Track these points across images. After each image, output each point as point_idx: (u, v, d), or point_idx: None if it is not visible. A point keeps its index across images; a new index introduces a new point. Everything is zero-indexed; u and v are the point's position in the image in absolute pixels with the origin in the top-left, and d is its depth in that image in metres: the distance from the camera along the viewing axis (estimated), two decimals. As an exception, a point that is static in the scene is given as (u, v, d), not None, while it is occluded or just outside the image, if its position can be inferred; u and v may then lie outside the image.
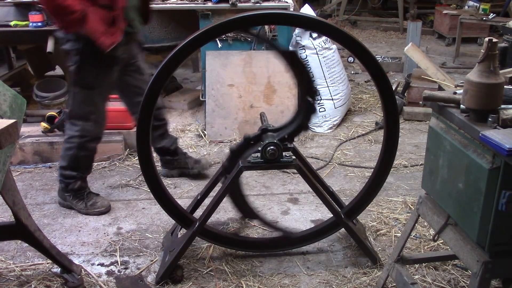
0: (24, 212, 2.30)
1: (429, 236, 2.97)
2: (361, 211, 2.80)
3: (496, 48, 1.75)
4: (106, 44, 2.88)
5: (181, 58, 2.38)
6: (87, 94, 3.09)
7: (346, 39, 2.42)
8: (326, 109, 4.63)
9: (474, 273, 1.83)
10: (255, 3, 4.37)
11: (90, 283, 2.61)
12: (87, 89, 3.07)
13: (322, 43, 4.62)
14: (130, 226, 3.15)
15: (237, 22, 2.38)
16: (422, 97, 2.01)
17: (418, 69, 5.09)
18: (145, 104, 2.40)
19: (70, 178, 3.26)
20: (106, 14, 2.87)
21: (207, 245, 2.89)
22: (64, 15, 2.79)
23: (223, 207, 3.30)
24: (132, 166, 3.93)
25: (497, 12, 7.33)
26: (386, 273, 2.41)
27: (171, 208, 2.63)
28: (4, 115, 2.05)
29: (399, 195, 3.51)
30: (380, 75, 2.46)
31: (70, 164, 3.23)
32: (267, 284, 2.61)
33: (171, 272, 2.59)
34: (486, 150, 1.73)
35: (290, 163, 2.56)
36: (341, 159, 4.08)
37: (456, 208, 1.92)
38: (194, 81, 6.16)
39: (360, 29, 9.35)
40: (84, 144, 3.18)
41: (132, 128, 4.03)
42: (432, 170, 2.09)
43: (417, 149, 4.27)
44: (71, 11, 2.76)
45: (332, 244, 2.95)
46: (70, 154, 3.20)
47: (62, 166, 3.26)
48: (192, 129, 4.67)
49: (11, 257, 2.82)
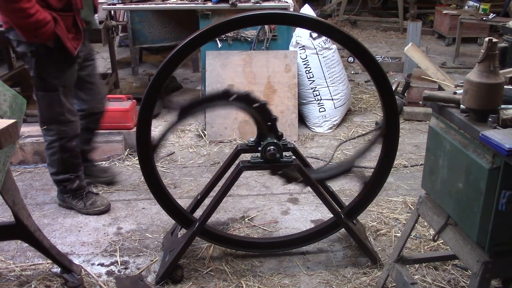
0: (24, 212, 2.30)
1: (429, 236, 2.97)
2: (361, 211, 2.80)
3: (496, 48, 1.75)
4: (73, 48, 2.92)
5: (181, 58, 2.38)
6: (52, 96, 3.02)
7: (346, 39, 2.41)
8: (326, 109, 4.63)
9: (474, 273, 1.83)
10: (255, 3, 4.37)
11: (90, 283, 2.61)
12: (51, 91, 3.01)
13: (322, 43, 4.62)
14: (130, 226, 3.15)
15: (237, 22, 2.38)
16: (422, 97, 2.01)
17: (418, 69, 5.09)
18: (145, 104, 2.40)
19: (65, 181, 3.26)
20: (66, 18, 2.89)
21: (207, 245, 2.89)
22: (39, 28, 2.75)
23: (223, 207, 3.31)
24: (132, 166, 3.93)
25: (497, 12, 7.33)
26: (386, 273, 2.41)
27: (171, 208, 2.63)
28: (4, 115, 2.05)
29: (399, 195, 3.51)
30: (380, 75, 2.46)
31: (59, 169, 3.22)
32: (267, 284, 2.61)
33: (171, 272, 2.59)
34: (486, 150, 1.73)
35: (290, 163, 2.56)
36: (341, 159, 4.08)
37: (456, 208, 1.92)
38: (194, 81, 6.16)
39: (360, 29, 9.35)
40: (65, 146, 3.15)
41: (132, 128, 4.03)
42: (432, 170, 2.09)
43: (417, 149, 4.27)
44: (45, 24, 2.75)
45: (332, 244, 2.95)
46: (56, 159, 3.18)
47: (52, 173, 3.26)
48: (192, 129, 4.67)
49: (11, 257, 2.82)
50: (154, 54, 7.06)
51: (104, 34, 4.17)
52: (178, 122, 2.48)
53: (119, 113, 4.04)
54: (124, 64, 6.59)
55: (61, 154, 3.16)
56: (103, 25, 4.21)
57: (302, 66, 4.59)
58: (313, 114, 4.66)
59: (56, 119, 3.08)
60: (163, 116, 4.97)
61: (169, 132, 2.53)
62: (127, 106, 4.06)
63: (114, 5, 4.40)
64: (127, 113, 4.05)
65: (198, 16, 4.45)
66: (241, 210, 3.34)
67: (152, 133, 2.51)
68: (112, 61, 5.44)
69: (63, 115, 3.08)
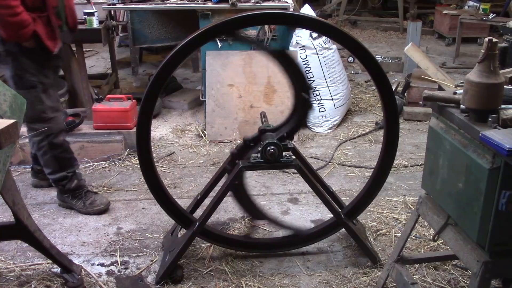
0: (24, 212, 2.30)
1: (429, 236, 2.97)
2: (361, 211, 2.80)
3: (496, 48, 1.75)
4: (52, 46, 2.94)
5: (181, 58, 2.38)
6: (32, 94, 2.99)
7: (346, 39, 2.42)
8: (326, 109, 4.63)
9: (474, 273, 1.83)
10: (255, 3, 4.37)
11: (90, 283, 2.61)
12: (30, 89, 2.99)
13: (322, 43, 4.62)
14: (130, 226, 3.15)
15: (237, 22, 2.38)
16: (422, 97, 2.01)
17: (418, 69, 5.09)
18: (145, 104, 2.40)
19: (62, 179, 3.25)
20: (42, 16, 2.89)
21: (207, 245, 2.89)
22: (22, 28, 2.77)
23: (223, 207, 3.31)
24: (132, 166, 3.93)
25: (497, 12, 7.32)
26: (386, 273, 2.41)
27: (171, 208, 2.63)
28: (4, 115, 2.05)
29: (399, 195, 3.51)
30: (380, 75, 2.46)
31: (54, 167, 3.21)
32: (267, 284, 2.61)
33: (171, 272, 2.60)
34: (486, 150, 1.73)
35: (290, 163, 2.56)
36: (341, 159, 4.08)
37: (456, 208, 1.92)
38: (194, 81, 6.16)
39: (360, 29, 9.34)
40: (52, 142, 3.14)
41: (132, 128, 4.03)
42: (432, 170, 2.09)
43: (417, 149, 4.27)
44: (27, 24, 2.78)
45: (332, 244, 2.95)
46: (48, 158, 3.18)
47: (49, 173, 3.25)
48: (192, 129, 4.67)
49: (11, 257, 2.82)
50: (154, 54, 7.06)
51: (104, 34, 4.18)
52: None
53: (119, 113, 4.04)
54: (124, 64, 6.59)
55: (52, 151, 3.16)
56: (103, 25, 4.21)
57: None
58: (313, 114, 4.66)
59: (38, 116, 3.06)
60: (163, 116, 4.98)
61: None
62: (127, 106, 4.06)
63: (114, 5, 4.40)
64: (127, 113, 4.05)
65: (198, 16, 4.45)
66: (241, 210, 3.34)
67: (152, 133, 2.51)
68: (112, 61, 5.45)
69: (44, 113, 3.08)
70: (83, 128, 4.10)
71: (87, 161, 3.96)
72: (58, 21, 3.04)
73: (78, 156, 3.95)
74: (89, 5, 4.18)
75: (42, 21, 2.91)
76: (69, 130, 4.01)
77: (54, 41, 3.00)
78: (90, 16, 4.06)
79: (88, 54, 7.08)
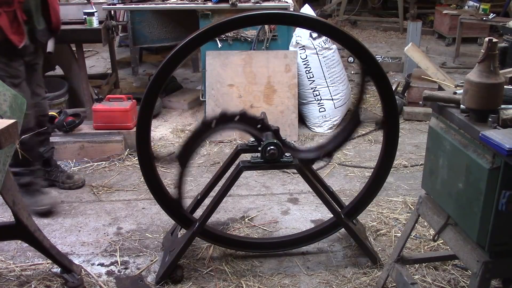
0: (24, 212, 2.30)
1: (429, 236, 2.97)
2: (361, 211, 2.80)
3: (496, 48, 1.75)
4: (17, 40, 2.93)
5: (181, 58, 2.38)
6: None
7: (346, 39, 2.42)
8: (326, 109, 4.63)
9: (474, 273, 1.83)
10: (255, 3, 4.37)
11: (90, 283, 2.61)
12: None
13: (322, 43, 4.62)
14: (130, 226, 3.15)
15: (237, 22, 2.39)
16: (422, 97, 2.01)
17: (418, 69, 5.09)
18: (145, 104, 2.40)
19: (17, 174, 3.14)
20: (8, 11, 2.89)
21: (207, 245, 2.89)
22: None
23: (223, 207, 3.31)
24: (132, 166, 3.93)
25: (497, 12, 7.32)
26: (386, 273, 2.41)
27: (171, 208, 2.63)
28: (4, 115, 2.05)
29: (399, 195, 3.51)
30: (380, 75, 2.46)
31: (15, 160, 3.16)
32: (267, 284, 2.61)
33: (171, 272, 2.60)
34: (486, 150, 1.73)
35: (290, 163, 2.56)
36: (341, 159, 4.08)
37: (456, 208, 1.92)
38: (194, 81, 6.16)
39: (360, 29, 9.34)
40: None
41: (132, 128, 4.03)
42: (432, 170, 2.09)
43: (417, 149, 4.27)
44: None
45: (332, 244, 2.95)
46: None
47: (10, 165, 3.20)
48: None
49: (11, 257, 2.82)
50: (154, 54, 7.06)
51: (104, 34, 4.17)
52: (184, 170, 2.52)
53: (119, 113, 4.04)
54: (124, 64, 6.59)
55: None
56: (103, 25, 4.21)
57: (302, 66, 4.59)
58: (313, 114, 4.66)
59: None
60: (163, 116, 4.98)
61: (184, 184, 2.57)
62: (127, 106, 4.06)
63: (114, 5, 4.40)
64: (127, 113, 4.05)
65: (198, 16, 4.45)
66: (241, 210, 3.34)
67: (152, 133, 2.50)
68: (112, 61, 5.44)
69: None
70: (83, 128, 4.10)
71: (87, 161, 3.96)
72: (24, 17, 3.01)
73: (78, 156, 3.97)
74: (89, 5, 4.17)
75: (8, 15, 2.90)
76: (69, 130, 4.01)
77: (19, 35, 2.98)
78: (90, 16, 4.05)
79: (88, 54, 7.07)
